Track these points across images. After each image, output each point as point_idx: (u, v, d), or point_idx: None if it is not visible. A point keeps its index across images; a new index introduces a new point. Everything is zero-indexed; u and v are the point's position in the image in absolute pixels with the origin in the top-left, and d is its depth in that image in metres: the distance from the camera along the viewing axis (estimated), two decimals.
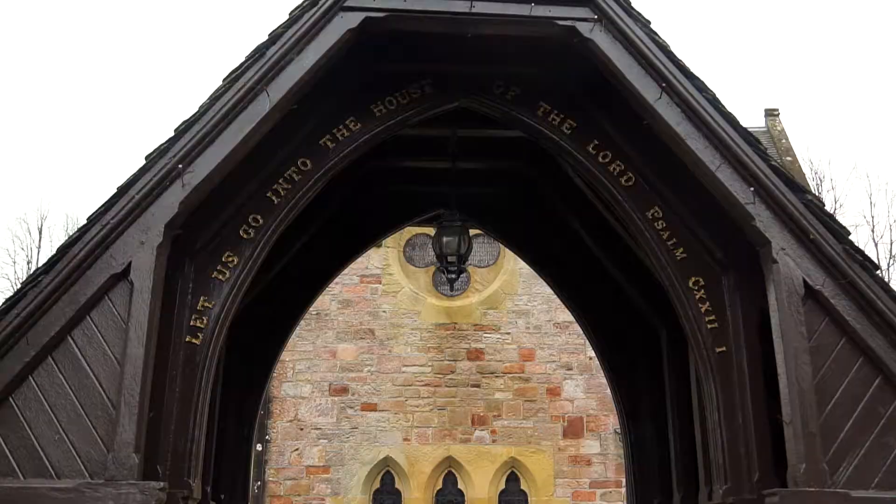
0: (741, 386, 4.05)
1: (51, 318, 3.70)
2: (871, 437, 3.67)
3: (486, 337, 20.38)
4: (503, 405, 19.93)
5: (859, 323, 3.81)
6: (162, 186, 3.91)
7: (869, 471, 3.62)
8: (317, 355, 20.19)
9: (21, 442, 3.56)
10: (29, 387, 3.64)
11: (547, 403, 19.86)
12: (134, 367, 3.63)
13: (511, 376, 20.11)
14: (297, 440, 19.73)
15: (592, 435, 19.55)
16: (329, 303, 20.58)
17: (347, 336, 20.37)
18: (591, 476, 19.29)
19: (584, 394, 19.84)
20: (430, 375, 20.00)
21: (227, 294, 4.19)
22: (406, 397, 19.94)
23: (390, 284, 21.14)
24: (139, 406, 3.60)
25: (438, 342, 20.25)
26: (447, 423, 19.71)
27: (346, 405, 19.97)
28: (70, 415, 3.61)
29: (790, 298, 3.82)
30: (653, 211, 4.44)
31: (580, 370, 19.92)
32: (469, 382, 19.94)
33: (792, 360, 3.71)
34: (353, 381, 20.11)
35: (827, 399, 3.72)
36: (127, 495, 3.44)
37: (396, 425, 19.74)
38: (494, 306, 20.83)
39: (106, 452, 3.56)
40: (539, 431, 19.70)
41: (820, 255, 3.89)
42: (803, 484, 3.52)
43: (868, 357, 3.78)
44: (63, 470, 3.53)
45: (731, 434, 4.02)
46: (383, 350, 20.32)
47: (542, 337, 20.32)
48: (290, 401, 19.95)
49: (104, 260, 3.80)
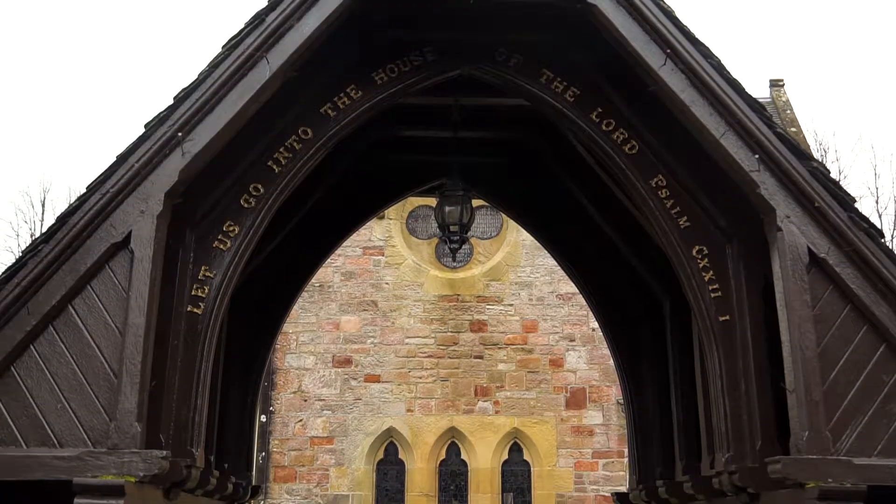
0: (744, 354, 4.04)
1: (51, 288, 3.69)
2: (875, 404, 3.66)
3: (488, 308, 20.40)
4: (506, 376, 19.99)
5: (864, 291, 3.79)
6: (161, 155, 3.88)
7: (872, 438, 3.62)
8: (320, 327, 20.24)
9: (23, 411, 3.56)
10: (30, 356, 3.63)
11: (550, 374, 19.91)
12: (135, 336, 3.63)
13: (514, 348, 20.16)
14: (300, 411, 19.83)
15: (595, 406, 19.62)
16: (332, 275, 20.60)
17: (350, 308, 20.41)
18: (593, 446, 19.39)
19: (586, 365, 19.89)
20: (433, 347, 20.05)
21: (229, 264, 4.17)
22: (409, 369, 20.01)
23: (393, 256, 21.15)
24: (141, 375, 3.59)
25: (441, 314, 20.28)
26: (450, 394, 19.78)
27: (350, 376, 20.03)
28: (72, 383, 3.60)
29: (794, 266, 3.79)
30: (656, 179, 4.40)
31: (583, 341, 19.96)
32: (472, 354, 19.99)
33: (796, 328, 3.69)
34: (356, 352, 20.17)
35: (830, 367, 3.70)
36: (129, 463, 3.44)
37: (400, 396, 19.82)
38: (497, 278, 20.83)
39: (108, 421, 3.56)
40: (542, 402, 19.78)
41: (825, 222, 3.86)
42: (806, 451, 3.52)
43: (872, 325, 3.76)
44: (65, 438, 3.54)
45: (733, 402, 4.01)
46: (386, 322, 20.36)
47: (544, 308, 20.35)
48: (294, 372, 20.02)
49: (104, 229, 3.78)
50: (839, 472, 3.45)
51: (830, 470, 3.45)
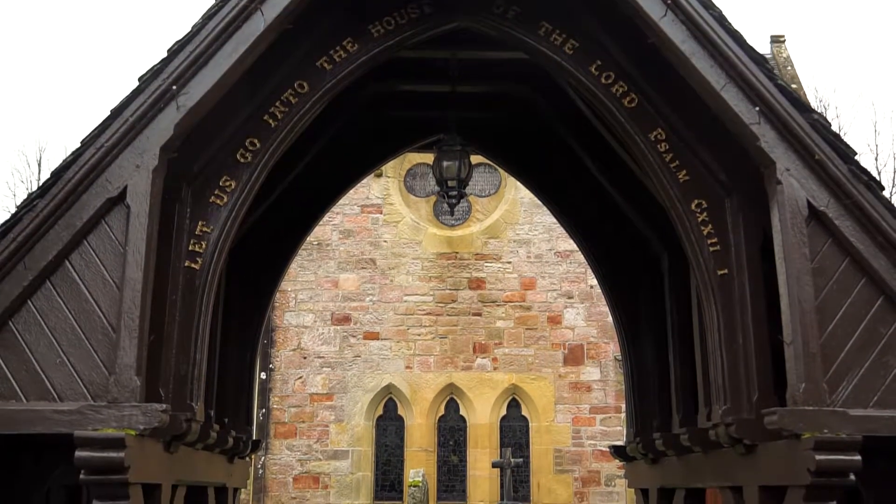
0: (742, 307, 4.04)
1: (47, 243, 3.68)
2: (871, 356, 3.68)
3: (487, 266, 20.42)
4: (504, 333, 20.08)
5: (862, 244, 3.78)
6: (156, 108, 3.84)
7: (868, 390, 3.64)
8: (318, 285, 20.27)
9: (22, 365, 3.57)
10: (28, 311, 3.63)
11: (548, 331, 20.00)
12: (133, 290, 3.62)
13: (512, 305, 20.22)
14: (300, 368, 19.95)
15: (593, 362, 19.75)
16: (330, 233, 20.59)
17: (349, 266, 20.43)
18: (591, 402, 19.55)
19: (584, 322, 19.98)
20: (432, 304, 20.11)
21: (226, 219, 4.16)
22: (408, 326, 20.09)
23: (391, 214, 21.12)
24: (139, 329, 3.60)
25: (440, 271, 20.31)
26: (449, 351, 19.89)
27: (349, 334, 20.12)
28: (70, 338, 3.61)
29: (794, 220, 3.78)
30: (656, 133, 4.37)
31: (581, 298, 20.02)
32: (470, 311, 20.06)
33: (794, 281, 3.69)
34: (355, 310, 20.23)
35: (828, 320, 3.71)
36: (130, 417, 3.46)
37: (398, 353, 19.93)
38: (495, 235, 20.83)
39: (108, 375, 3.57)
40: (540, 359, 19.89)
41: (825, 175, 3.84)
42: (802, 403, 3.54)
43: (870, 278, 3.76)
44: (65, 393, 3.55)
45: (731, 355, 4.03)
46: (385, 280, 20.39)
47: (543, 266, 20.38)
48: (293, 330, 20.10)
49: (99, 184, 3.76)
50: (835, 423, 3.47)
51: (826, 421, 3.48)
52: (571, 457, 19.26)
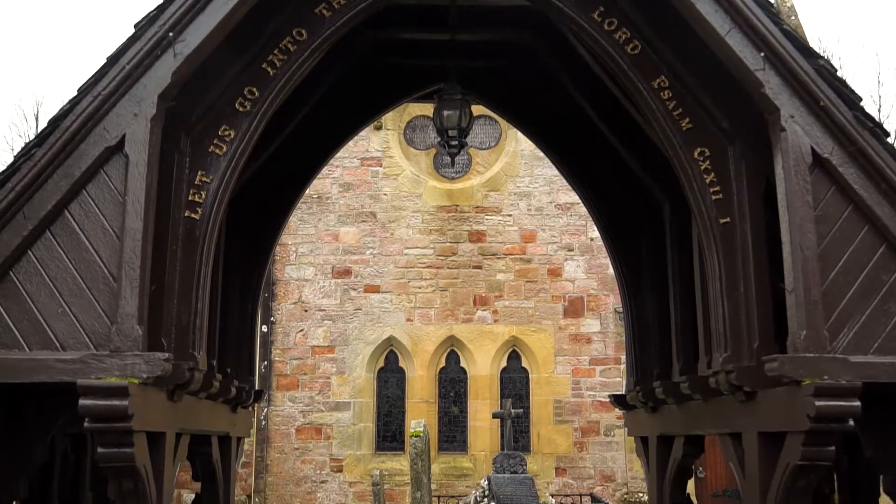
0: (744, 256, 4.04)
1: (46, 192, 3.65)
2: (873, 304, 3.68)
3: (487, 219, 20.41)
4: (504, 286, 20.13)
5: (866, 191, 3.76)
6: (153, 56, 3.79)
7: (869, 337, 3.64)
8: (318, 238, 20.28)
9: (24, 315, 3.57)
10: (28, 260, 3.62)
11: (548, 284, 20.06)
12: (133, 240, 3.61)
13: (512, 257, 20.24)
14: (301, 321, 20.04)
15: (593, 314, 19.84)
16: (329, 186, 20.54)
17: (349, 219, 20.41)
18: (590, 353, 19.68)
19: (584, 274, 20.02)
20: (432, 257, 20.14)
21: (225, 169, 4.13)
22: (408, 279, 20.14)
23: (391, 167, 21.03)
24: (140, 279, 3.59)
25: (440, 224, 20.30)
26: (449, 303, 19.97)
27: (349, 287, 20.17)
28: (71, 288, 3.60)
29: (797, 167, 3.76)
30: (659, 80, 4.32)
31: (581, 251, 20.04)
32: (471, 264, 20.09)
33: (797, 228, 3.68)
34: (355, 263, 20.26)
35: (830, 267, 3.70)
36: (133, 365, 3.47)
37: (399, 306, 20.00)
38: (496, 188, 20.78)
39: (109, 325, 3.57)
40: (540, 311, 19.98)
41: (829, 122, 3.80)
42: (803, 350, 3.55)
43: (874, 225, 3.74)
44: (68, 342, 3.55)
45: (732, 303, 4.03)
46: (385, 233, 20.40)
47: (543, 218, 20.37)
48: (294, 283, 20.15)
49: (97, 133, 3.72)
50: (835, 369, 3.48)
51: (827, 367, 3.49)
52: (571, 407, 19.45)
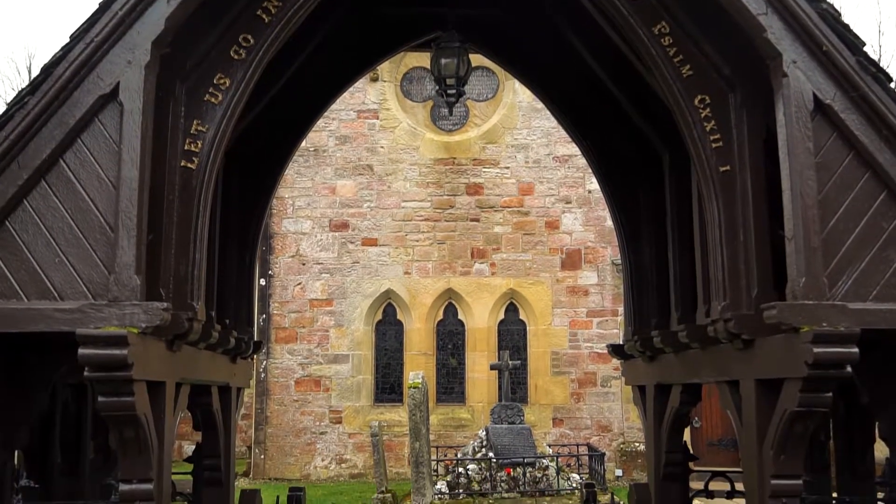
0: (744, 204, 4.02)
1: (41, 141, 3.61)
2: (872, 251, 3.67)
3: (484, 171, 20.34)
4: (502, 238, 20.14)
5: (868, 137, 3.73)
6: (146, 2, 3.72)
7: (867, 284, 3.64)
8: (316, 192, 20.22)
9: (22, 265, 3.55)
10: (25, 210, 3.60)
11: (545, 236, 20.07)
12: (129, 189, 3.58)
13: (510, 210, 20.22)
14: (299, 275, 20.08)
15: (590, 266, 19.88)
16: (326, 139, 20.42)
17: (346, 172, 20.33)
18: (588, 306, 19.77)
19: (582, 227, 20.02)
20: (430, 210, 20.11)
21: (221, 118, 4.08)
22: (406, 232, 20.13)
23: (388, 119, 20.89)
24: (137, 229, 3.57)
25: (437, 177, 20.24)
26: (447, 256, 19.99)
27: (347, 240, 20.17)
28: (68, 238, 3.58)
29: (799, 113, 3.72)
30: (659, 27, 4.25)
31: (579, 203, 20.02)
32: (468, 217, 20.08)
33: (797, 175, 3.65)
34: (352, 216, 20.24)
35: (830, 214, 3.69)
36: (131, 315, 3.46)
37: (397, 259, 20.03)
38: (493, 141, 20.66)
39: (107, 274, 3.56)
40: (537, 264, 20.01)
41: (832, 67, 3.75)
42: (802, 297, 3.55)
43: (874, 171, 3.72)
44: (66, 292, 3.54)
45: (731, 252, 4.02)
46: (382, 186, 20.34)
47: (541, 171, 20.30)
48: (291, 236, 20.14)
49: (91, 80, 3.67)
50: (834, 316, 3.49)
51: (825, 314, 3.49)
52: (568, 359, 19.59)
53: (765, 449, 3.83)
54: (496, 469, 14.99)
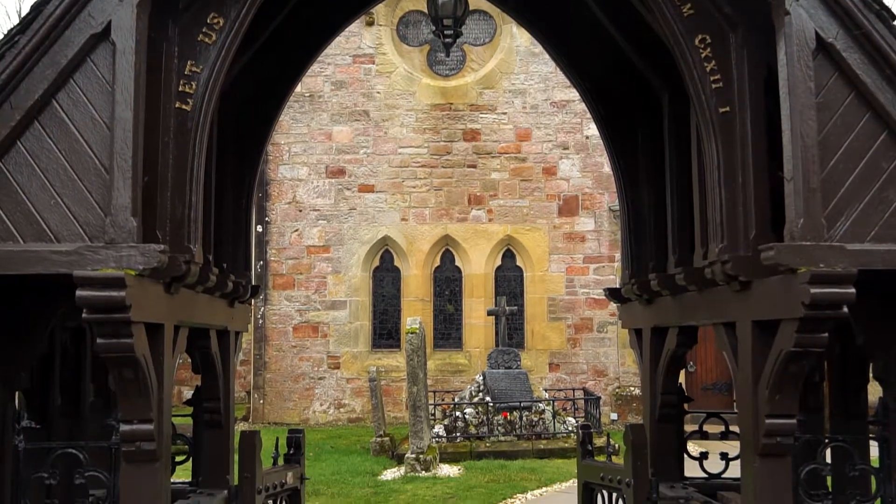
0: (743, 145, 3.99)
1: (32, 81, 3.56)
2: (871, 191, 3.65)
3: (482, 117, 20.21)
4: (499, 185, 20.10)
5: (869, 77, 3.69)
6: None
7: (866, 225, 3.64)
8: (312, 138, 20.11)
9: (17, 207, 3.53)
10: (18, 151, 3.56)
11: (543, 183, 20.03)
12: (123, 130, 3.54)
13: (507, 156, 20.14)
14: (296, 221, 20.06)
15: (587, 213, 19.89)
16: (322, 84, 20.22)
17: (342, 118, 20.19)
18: (584, 252, 19.82)
19: (579, 173, 19.97)
20: (426, 156, 20.04)
21: (215, 58, 4.02)
22: (403, 178, 20.07)
23: (384, 64, 20.67)
24: (133, 170, 3.54)
25: (434, 123, 20.11)
26: (444, 203, 19.97)
27: (344, 187, 20.12)
28: (63, 179, 3.56)
29: (800, 52, 3.67)
30: None
31: (576, 149, 19.94)
32: (465, 163, 20.01)
33: (798, 116, 3.62)
34: (349, 162, 20.16)
35: (830, 155, 3.66)
36: (129, 257, 3.45)
37: (394, 206, 20.00)
38: (490, 86, 20.48)
39: (103, 217, 3.54)
40: (535, 210, 20.01)
41: (835, 5, 3.69)
42: (800, 238, 3.54)
43: (875, 112, 3.69)
44: (62, 234, 3.53)
45: (730, 194, 4.01)
46: (378, 132, 20.22)
47: (538, 116, 20.18)
48: (288, 183, 20.08)
49: (82, 19, 3.61)
50: (831, 257, 3.49)
51: (823, 255, 3.49)
52: (565, 305, 19.70)
53: (760, 389, 3.86)
54: (493, 413, 15.18)
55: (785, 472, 3.87)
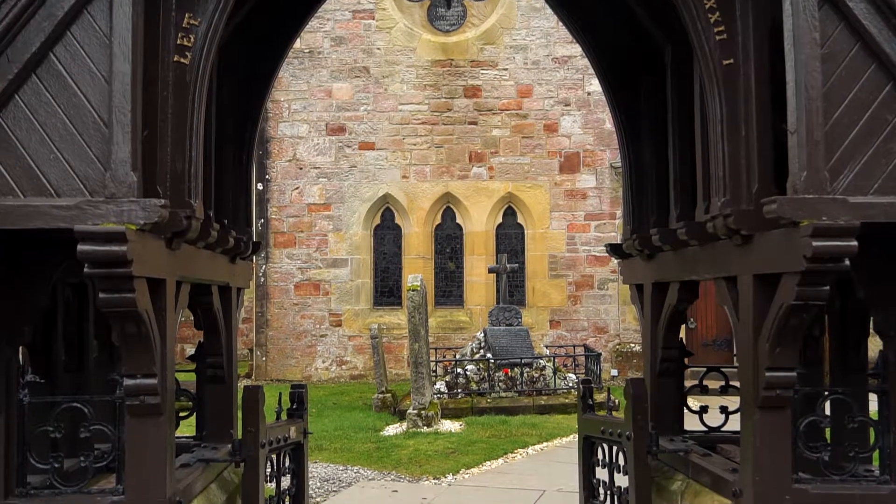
0: (747, 98, 3.96)
1: (29, 34, 3.52)
2: (875, 144, 3.62)
3: (483, 73, 20.06)
4: (500, 142, 20.01)
5: (875, 27, 3.64)
6: None
7: (869, 177, 3.62)
8: (312, 95, 19.98)
9: (16, 161, 3.52)
10: (16, 105, 3.53)
11: (544, 139, 19.94)
12: (122, 84, 3.51)
13: (508, 113, 20.02)
14: (296, 179, 20.01)
15: (588, 170, 19.82)
16: (321, 40, 20.04)
17: (342, 75, 20.04)
18: (585, 209, 19.80)
19: (581, 129, 19.87)
20: (427, 113, 19.92)
21: (213, 11, 3.97)
22: (403, 136, 19.98)
23: (384, 20, 20.45)
24: (132, 124, 3.52)
25: (435, 79, 19.96)
26: (445, 160, 19.90)
27: (344, 144, 20.03)
28: (62, 133, 3.53)
29: (805, 2, 3.61)
30: None
31: (578, 106, 19.81)
32: (466, 120, 19.89)
33: (802, 67, 3.58)
34: (349, 120, 20.05)
35: (834, 107, 3.63)
36: (129, 212, 3.44)
37: (394, 163, 19.93)
38: (492, 42, 20.28)
39: (103, 171, 3.53)
40: (536, 167, 19.94)
41: None
42: (802, 191, 3.53)
43: (881, 62, 3.64)
44: (62, 188, 3.52)
45: (733, 147, 3.98)
46: (379, 88, 20.08)
47: (540, 73, 20.02)
48: (288, 140, 20.00)
49: None
50: (834, 209, 3.47)
51: (826, 208, 3.47)
52: (566, 262, 19.73)
53: (760, 342, 3.87)
54: (494, 369, 15.28)
55: (784, 425, 3.90)
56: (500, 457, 11.49)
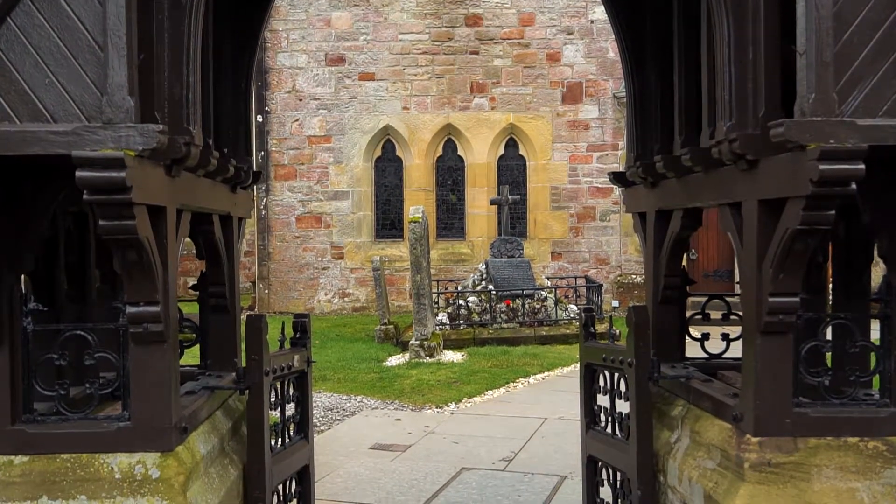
0: (755, 19, 3.87)
1: None
2: (886, 65, 3.55)
3: (484, 1, 19.69)
4: (502, 72, 19.76)
5: None
6: None
7: (878, 100, 3.55)
8: (310, 24, 19.66)
9: (11, 86, 3.45)
10: (9, 28, 3.45)
11: (546, 69, 19.68)
12: (116, 5, 3.42)
13: (510, 42, 19.73)
14: (296, 111, 19.82)
15: (591, 100, 19.61)
16: None
17: (341, 3, 19.69)
18: (588, 140, 19.65)
19: (583, 59, 19.59)
20: (428, 43, 19.63)
21: None
22: (404, 66, 19.72)
23: None
24: (128, 48, 3.44)
25: (435, 8, 19.61)
26: (446, 91, 19.67)
27: (344, 75, 19.79)
28: (57, 57, 3.46)
29: None
30: None
31: (581, 34, 19.50)
32: (467, 49, 19.61)
33: None
34: (349, 50, 19.77)
35: (844, 28, 3.54)
36: (127, 137, 3.39)
37: (395, 94, 19.72)
38: None
39: (100, 96, 3.47)
40: (538, 97, 19.73)
41: None
42: (810, 114, 3.46)
43: None
44: (59, 114, 3.46)
45: (739, 71, 3.91)
46: (379, 18, 19.75)
47: (542, 0, 19.64)
48: (287, 71, 19.75)
49: None
50: (842, 132, 3.41)
51: (833, 131, 3.42)
52: (568, 194, 19.66)
53: (764, 268, 3.86)
54: (496, 301, 15.36)
55: (786, 350, 3.91)
56: (501, 386, 11.62)
